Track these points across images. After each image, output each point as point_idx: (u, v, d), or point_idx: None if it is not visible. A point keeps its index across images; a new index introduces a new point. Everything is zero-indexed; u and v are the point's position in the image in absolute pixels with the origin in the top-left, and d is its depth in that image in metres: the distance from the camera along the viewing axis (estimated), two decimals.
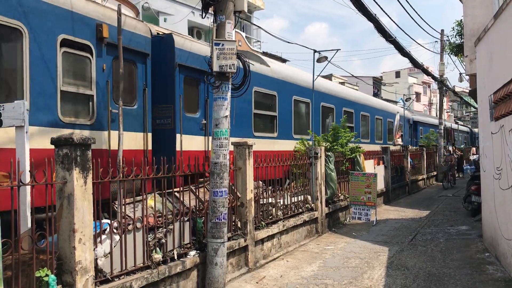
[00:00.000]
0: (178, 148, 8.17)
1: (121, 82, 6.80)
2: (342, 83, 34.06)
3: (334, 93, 15.09)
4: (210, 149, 8.17)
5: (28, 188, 4.40)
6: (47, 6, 6.09)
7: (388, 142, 20.23)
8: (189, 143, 8.40)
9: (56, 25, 6.19)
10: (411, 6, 24.73)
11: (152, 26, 8.53)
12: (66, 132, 5.69)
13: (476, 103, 10.37)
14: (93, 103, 6.79)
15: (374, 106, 19.40)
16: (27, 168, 4.43)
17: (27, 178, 4.34)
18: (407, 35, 40.44)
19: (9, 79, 5.80)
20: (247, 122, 10.37)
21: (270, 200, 8.73)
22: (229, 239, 7.03)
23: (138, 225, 5.54)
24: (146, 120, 7.65)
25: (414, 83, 58.61)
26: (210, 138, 7.45)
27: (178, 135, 8.22)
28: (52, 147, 4.65)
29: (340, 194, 12.31)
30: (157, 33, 8.49)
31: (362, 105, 17.61)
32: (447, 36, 24.36)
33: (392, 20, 17.13)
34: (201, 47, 8.97)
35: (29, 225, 4.42)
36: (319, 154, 10.62)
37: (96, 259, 4.86)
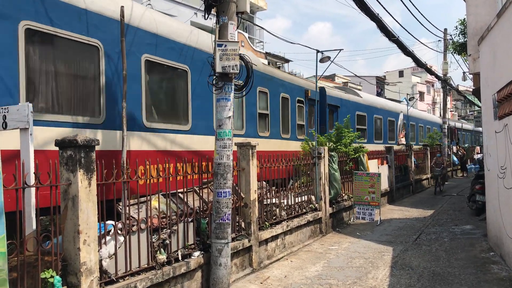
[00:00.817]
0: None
1: (125, 83, 6.76)
2: (346, 83, 34.03)
3: (380, 106, 20.53)
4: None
5: (33, 190, 4.42)
6: (296, 86, 13.22)
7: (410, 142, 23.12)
8: None
9: (296, 93, 13.04)
10: (414, 5, 24.67)
11: (312, 81, 15.30)
12: (297, 143, 12.59)
13: (480, 102, 10.33)
14: (304, 128, 13.59)
15: (392, 110, 22.00)
16: (32, 170, 4.45)
17: (32, 180, 4.36)
18: (410, 34, 40.53)
19: (286, 123, 12.46)
20: None
21: (274, 200, 8.74)
22: (233, 239, 7.04)
23: (143, 226, 5.56)
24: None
25: (417, 83, 58.45)
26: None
27: None
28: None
29: (344, 194, 12.31)
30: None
31: (387, 111, 21.46)
32: (450, 35, 24.29)
33: (395, 19, 17.14)
34: (336, 92, 16.44)
35: (34, 226, 4.44)
36: (322, 154, 10.63)
37: (100, 260, 4.88)
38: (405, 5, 34.72)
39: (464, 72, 27.84)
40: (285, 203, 9.16)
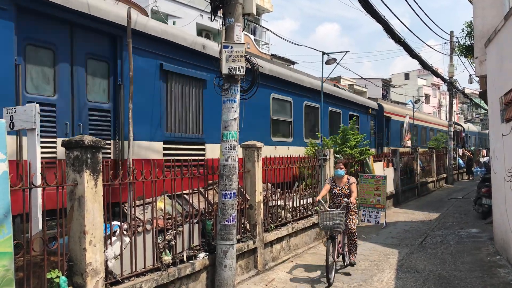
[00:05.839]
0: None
1: (131, 85, 6.79)
2: (351, 85, 33.97)
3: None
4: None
5: (39, 190, 4.44)
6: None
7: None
8: None
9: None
10: (420, 7, 24.56)
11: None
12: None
13: (487, 104, 10.28)
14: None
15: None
16: (38, 170, 4.47)
17: (38, 180, 4.38)
18: (417, 36, 40.53)
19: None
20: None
21: (279, 202, 8.72)
22: (238, 241, 7.04)
23: (148, 227, 5.57)
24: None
25: (423, 85, 58.24)
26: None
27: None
28: None
29: None
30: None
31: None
32: (457, 38, 24.25)
33: (401, 21, 17.00)
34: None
35: (40, 227, 4.45)
36: (328, 157, 10.60)
37: (106, 261, 4.89)
38: (411, 7, 34.72)
39: (470, 75, 27.74)
40: (290, 205, 9.15)
